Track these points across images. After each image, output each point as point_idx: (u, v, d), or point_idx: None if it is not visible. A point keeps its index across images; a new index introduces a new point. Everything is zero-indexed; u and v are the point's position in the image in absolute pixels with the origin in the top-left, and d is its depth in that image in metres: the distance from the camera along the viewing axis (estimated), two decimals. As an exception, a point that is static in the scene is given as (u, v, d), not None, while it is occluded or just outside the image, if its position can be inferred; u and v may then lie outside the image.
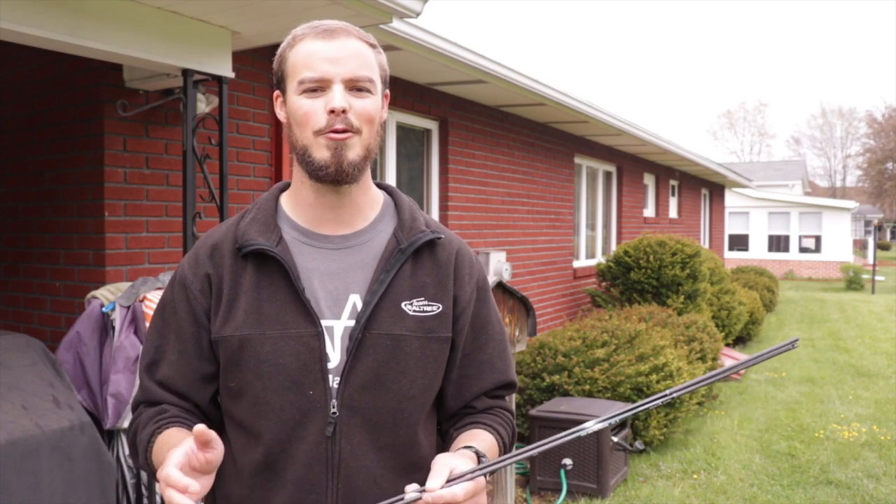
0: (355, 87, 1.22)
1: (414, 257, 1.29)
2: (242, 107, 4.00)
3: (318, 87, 1.21)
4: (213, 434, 1.07)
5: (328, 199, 1.27)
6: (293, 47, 1.25)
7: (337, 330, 1.23)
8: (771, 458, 5.28)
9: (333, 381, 1.21)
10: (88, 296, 3.05)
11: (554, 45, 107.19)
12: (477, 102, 6.31)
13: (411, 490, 1.08)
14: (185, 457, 1.06)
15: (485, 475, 1.12)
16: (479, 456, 1.20)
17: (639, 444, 5.00)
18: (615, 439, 4.52)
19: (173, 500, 1.03)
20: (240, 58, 3.71)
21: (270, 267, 1.24)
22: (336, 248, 1.28)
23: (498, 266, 6.21)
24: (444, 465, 1.10)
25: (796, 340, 1.08)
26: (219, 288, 1.26)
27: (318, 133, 1.21)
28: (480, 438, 1.28)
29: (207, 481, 1.10)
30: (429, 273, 1.29)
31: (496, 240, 6.66)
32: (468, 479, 1.07)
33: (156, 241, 3.57)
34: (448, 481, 1.07)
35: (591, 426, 1.08)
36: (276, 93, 1.29)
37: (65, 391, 2.68)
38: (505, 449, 1.33)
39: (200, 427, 1.05)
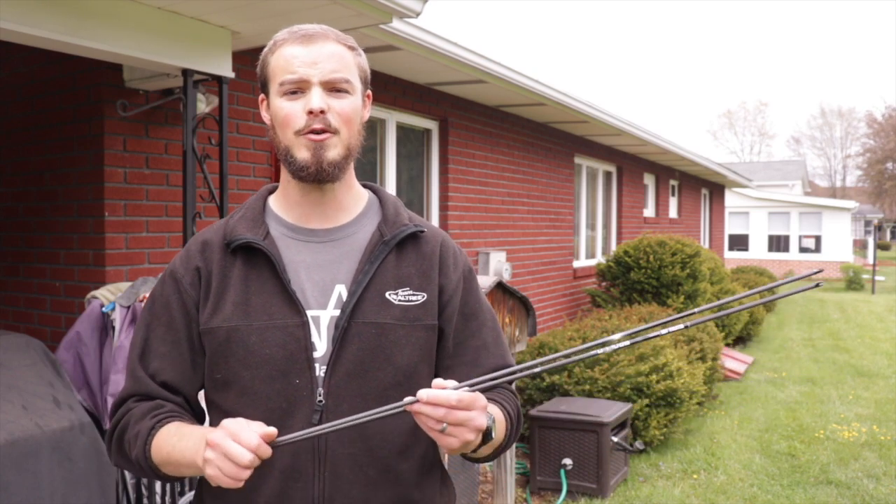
0: (334, 88, 1.27)
1: (398, 250, 1.33)
2: (242, 107, 4.00)
3: (297, 90, 1.26)
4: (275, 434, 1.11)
5: (314, 197, 1.32)
6: (274, 52, 1.30)
7: (323, 320, 1.26)
8: (771, 458, 5.27)
9: (320, 370, 1.24)
10: (88, 296, 3.05)
11: (554, 45, 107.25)
12: (477, 102, 6.31)
13: (408, 397, 1.10)
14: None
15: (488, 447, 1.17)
16: (508, 413, 1.29)
17: (639, 444, 5.00)
18: (615, 439, 4.52)
19: (265, 454, 1.08)
20: (240, 58, 3.71)
21: (258, 260, 1.29)
22: (321, 241, 1.32)
23: (498, 266, 6.21)
24: (445, 381, 1.13)
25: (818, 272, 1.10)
26: (207, 281, 1.30)
27: (298, 133, 1.26)
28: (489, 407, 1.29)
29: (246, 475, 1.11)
30: (413, 265, 1.33)
31: (496, 240, 6.66)
32: (467, 386, 1.11)
33: (156, 241, 3.57)
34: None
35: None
36: (262, 97, 1.34)
37: (65, 391, 2.68)
38: (512, 423, 1.34)
39: (273, 430, 1.10)
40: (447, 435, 1.09)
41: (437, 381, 1.10)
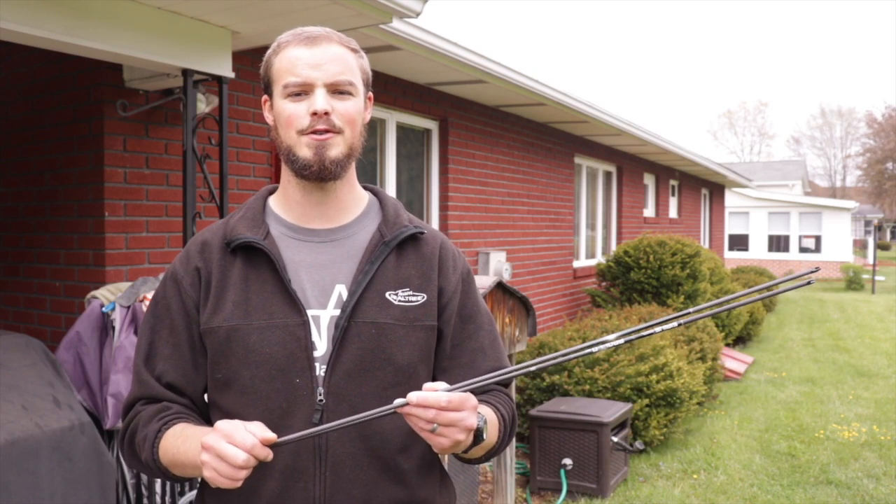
0: (337, 90, 1.28)
1: (398, 251, 1.34)
2: (242, 107, 4.00)
3: (301, 91, 1.27)
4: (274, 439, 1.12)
5: (315, 197, 1.33)
6: (278, 54, 1.31)
7: (323, 319, 1.27)
8: (771, 458, 5.27)
9: (320, 370, 1.25)
10: (88, 296, 3.05)
11: (554, 45, 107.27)
12: (477, 102, 6.31)
13: (399, 399, 1.11)
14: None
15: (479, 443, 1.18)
16: (502, 416, 1.31)
17: (639, 444, 5.00)
18: (615, 439, 4.52)
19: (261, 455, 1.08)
20: (240, 58, 3.71)
21: (258, 260, 1.29)
22: (322, 241, 1.33)
23: (498, 266, 6.20)
24: (435, 383, 1.14)
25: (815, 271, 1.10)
26: (207, 281, 1.30)
27: (302, 133, 1.27)
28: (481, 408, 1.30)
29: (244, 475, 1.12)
30: (413, 266, 1.34)
31: (496, 240, 6.66)
32: (457, 388, 1.12)
33: (156, 241, 3.57)
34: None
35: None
36: (265, 97, 1.35)
37: (65, 391, 2.68)
38: (505, 425, 1.35)
39: (273, 435, 1.10)
40: (438, 435, 1.10)
41: (428, 385, 1.12)
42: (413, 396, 1.08)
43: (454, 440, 1.11)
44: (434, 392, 1.09)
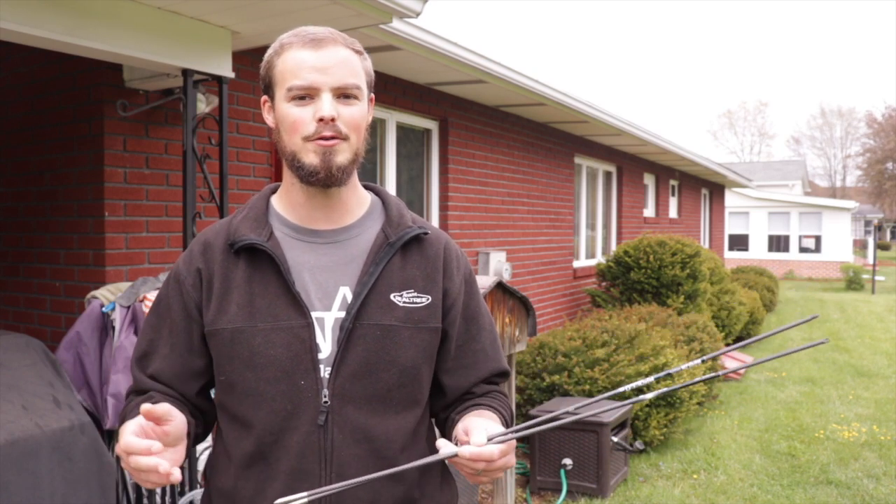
0: (343, 94, 1.26)
1: (402, 252, 1.33)
2: (242, 107, 4.00)
3: (306, 95, 1.24)
4: (161, 410, 1.12)
5: (318, 200, 1.32)
6: (280, 55, 1.28)
7: (328, 321, 1.27)
8: (771, 458, 5.27)
9: (325, 372, 1.25)
10: (88, 296, 3.05)
11: (554, 45, 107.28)
12: (477, 102, 6.31)
13: (445, 446, 1.13)
14: (138, 427, 1.11)
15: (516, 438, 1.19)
16: (504, 419, 1.32)
17: (639, 444, 5.00)
18: (615, 439, 4.52)
19: (140, 465, 1.06)
20: (240, 58, 3.71)
21: (262, 261, 1.28)
22: (326, 243, 1.32)
23: (498, 266, 6.21)
24: (480, 426, 1.17)
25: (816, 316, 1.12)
26: (209, 282, 1.30)
27: (307, 139, 1.25)
28: (487, 416, 1.32)
29: (174, 454, 1.17)
30: (417, 267, 1.33)
31: (496, 240, 6.66)
32: (503, 440, 1.14)
33: (156, 241, 3.57)
34: (488, 440, 1.14)
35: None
36: (264, 98, 1.33)
37: (65, 391, 2.68)
38: (507, 427, 1.37)
39: (146, 407, 1.10)
40: (481, 476, 1.15)
41: (475, 436, 1.13)
42: (466, 452, 1.11)
43: (494, 478, 1.17)
44: (486, 447, 1.11)
